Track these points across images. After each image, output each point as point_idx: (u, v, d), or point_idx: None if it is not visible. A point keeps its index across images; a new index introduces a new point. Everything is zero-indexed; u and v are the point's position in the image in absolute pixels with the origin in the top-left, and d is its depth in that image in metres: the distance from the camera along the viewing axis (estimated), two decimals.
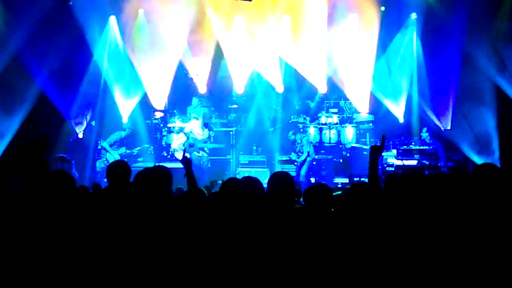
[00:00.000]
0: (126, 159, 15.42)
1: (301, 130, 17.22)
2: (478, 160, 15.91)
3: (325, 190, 5.82)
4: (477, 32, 16.44)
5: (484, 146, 16.29)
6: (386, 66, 18.09)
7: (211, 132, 16.99)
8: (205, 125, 16.62)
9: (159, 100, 17.81)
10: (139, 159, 16.92)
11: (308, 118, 17.84)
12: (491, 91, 16.34)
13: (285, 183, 5.27)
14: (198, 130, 16.62)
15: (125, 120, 17.25)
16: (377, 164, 5.51)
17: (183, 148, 16.83)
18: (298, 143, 16.49)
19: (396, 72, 18.00)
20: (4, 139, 15.17)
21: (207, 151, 16.93)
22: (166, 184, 5.27)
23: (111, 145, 16.34)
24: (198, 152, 16.56)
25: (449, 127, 17.13)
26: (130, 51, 17.57)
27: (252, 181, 5.55)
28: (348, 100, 18.29)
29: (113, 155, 16.07)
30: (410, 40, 17.92)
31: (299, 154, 16.41)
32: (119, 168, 5.80)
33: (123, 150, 16.38)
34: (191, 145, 16.46)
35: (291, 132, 16.73)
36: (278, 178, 5.37)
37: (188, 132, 16.71)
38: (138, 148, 17.06)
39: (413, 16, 17.77)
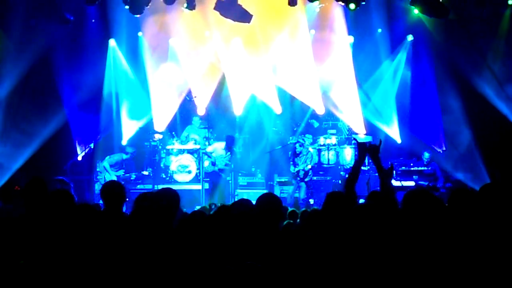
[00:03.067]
0: (123, 182, 15.51)
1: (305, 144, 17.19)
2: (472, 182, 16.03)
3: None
4: (473, 53, 16.68)
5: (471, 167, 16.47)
6: (377, 87, 18.35)
7: (234, 156, 16.86)
8: (228, 149, 16.56)
9: (162, 122, 17.96)
10: (138, 181, 16.92)
11: (310, 137, 17.88)
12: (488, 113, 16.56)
13: (272, 204, 5.28)
14: (221, 152, 16.56)
15: (124, 142, 17.37)
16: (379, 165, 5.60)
17: (182, 170, 16.86)
18: (303, 155, 16.48)
19: (387, 93, 18.21)
20: (26, 153, 15.74)
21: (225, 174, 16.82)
22: (173, 207, 5.27)
23: (111, 166, 16.33)
24: (219, 173, 16.51)
25: (444, 149, 17.34)
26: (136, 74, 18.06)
27: (243, 204, 5.53)
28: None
29: (111, 176, 16.06)
30: (401, 62, 18.16)
31: (303, 164, 16.42)
32: (113, 188, 5.80)
33: (121, 172, 16.38)
34: (213, 164, 16.44)
35: (298, 144, 16.68)
36: (265, 199, 5.37)
37: (211, 152, 16.66)
38: (135, 173, 17.01)
39: (409, 38, 17.97)
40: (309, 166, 16.36)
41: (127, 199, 13.94)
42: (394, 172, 7.33)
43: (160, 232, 4.94)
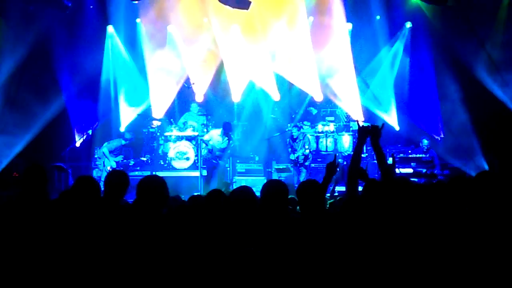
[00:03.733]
0: (122, 168, 15.59)
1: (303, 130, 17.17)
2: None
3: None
4: (471, 40, 16.69)
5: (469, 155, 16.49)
6: (376, 74, 18.38)
7: (231, 142, 16.81)
8: (225, 134, 16.49)
9: (160, 109, 17.96)
10: (136, 167, 16.90)
11: (308, 124, 17.90)
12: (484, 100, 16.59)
13: (279, 192, 5.24)
14: (218, 138, 16.51)
15: (122, 128, 17.39)
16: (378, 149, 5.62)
17: (180, 157, 16.84)
18: (300, 140, 16.49)
19: (385, 80, 18.23)
20: (24, 139, 15.72)
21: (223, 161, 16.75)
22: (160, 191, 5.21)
23: (110, 151, 16.25)
24: (215, 161, 16.49)
25: (442, 136, 17.40)
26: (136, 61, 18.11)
27: (244, 192, 5.47)
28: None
29: (110, 162, 16.05)
30: (399, 49, 18.17)
31: (301, 149, 16.46)
32: (119, 179, 5.75)
33: (120, 158, 16.34)
34: (210, 151, 16.41)
35: (295, 129, 16.67)
36: (271, 187, 5.30)
37: (207, 139, 16.61)
38: (133, 159, 16.95)
39: (408, 25, 17.98)
40: (307, 151, 16.36)
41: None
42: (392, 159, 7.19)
43: (153, 219, 4.93)
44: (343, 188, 16.14)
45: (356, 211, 5.25)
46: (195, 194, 7.94)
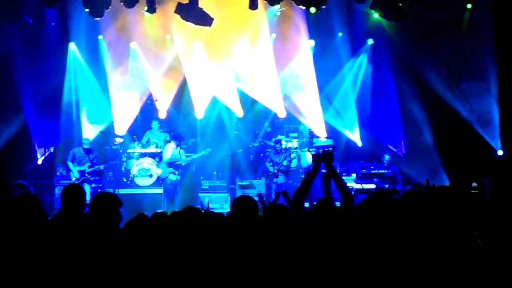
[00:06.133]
0: (86, 177, 15.63)
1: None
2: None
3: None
4: (432, 56, 16.96)
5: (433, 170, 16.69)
6: (338, 90, 18.55)
7: (181, 150, 16.85)
8: (178, 145, 16.58)
9: (122, 126, 17.89)
10: (99, 185, 16.73)
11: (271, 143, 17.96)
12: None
13: (249, 208, 5.32)
14: (175, 151, 16.55)
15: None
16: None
17: (143, 174, 16.75)
18: (283, 153, 16.88)
19: (347, 96, 18.40)
20: None
21: (178, 176, 16.74)
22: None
23: (72, 161, 15.92)
24: (175, 174, 16.46)
25: (404, 152, 17.59)
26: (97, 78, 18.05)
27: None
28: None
29: (74, 173, 15.78)
30: (361, 66, 18.37)
31: (285, 160, 16.75)
32: (73, 192, 5.71)
33: (86, 166, 15.94)
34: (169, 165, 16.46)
35: (278, 145, 17.01)
36: (241, 202, 5.40)
37: (169, 158, 16.57)
38: (103, 165, 16.53)
39: (370, 41, 18.19)
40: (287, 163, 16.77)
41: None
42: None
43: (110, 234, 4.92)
44: (306, 204, 16.29)
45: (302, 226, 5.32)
46: (158, 211, 7.92)
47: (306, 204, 16.07)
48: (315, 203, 5.90)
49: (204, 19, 15.78)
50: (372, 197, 4.93)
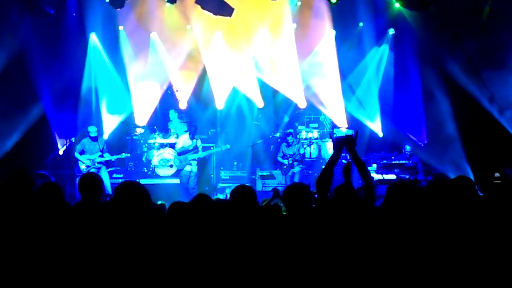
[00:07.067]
0: (100, 166, 15.64)
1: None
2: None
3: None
4: (454, 47, 16.80)
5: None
6: (361, 81, 18.42)
7: (195, 140, 16.42)
8: (193, 136, 16.33)
9: (143, 116, 17.87)
10: (119, 175, 16.75)
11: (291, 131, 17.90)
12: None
13: (247, 197, 5.34)
14: (188, 142, 16.35)
15: (105, 136, 17.17)
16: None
17: (164, 164, 16.75)
18: (295, 144, 16.91)
19: (370, 86, 18.28)
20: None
21: (195, 168, 16.36)
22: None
23: (81, 152, 15.82)
24: (191, 165, 16.22)
25: (426, 142, 17.47)
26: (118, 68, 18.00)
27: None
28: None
29: (84, 163, 15.73)
30: (383, 55, 18.23)
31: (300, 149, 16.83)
32: (90, 181, 5.71)
33: (97, 155, 15.71)
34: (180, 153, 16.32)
35: (290, 136, 16.97)
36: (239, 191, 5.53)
37: (180, 148, 16.41)
38: (116, 156, 16.11)
39: (391, 31, 18.03)
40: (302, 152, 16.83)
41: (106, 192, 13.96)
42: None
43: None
44: None
45: (325, 216, 5.26)
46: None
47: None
48: (334, 189, 5.87)
49: (224, 9, 15.72)
50: (396, 188, 4.89)
